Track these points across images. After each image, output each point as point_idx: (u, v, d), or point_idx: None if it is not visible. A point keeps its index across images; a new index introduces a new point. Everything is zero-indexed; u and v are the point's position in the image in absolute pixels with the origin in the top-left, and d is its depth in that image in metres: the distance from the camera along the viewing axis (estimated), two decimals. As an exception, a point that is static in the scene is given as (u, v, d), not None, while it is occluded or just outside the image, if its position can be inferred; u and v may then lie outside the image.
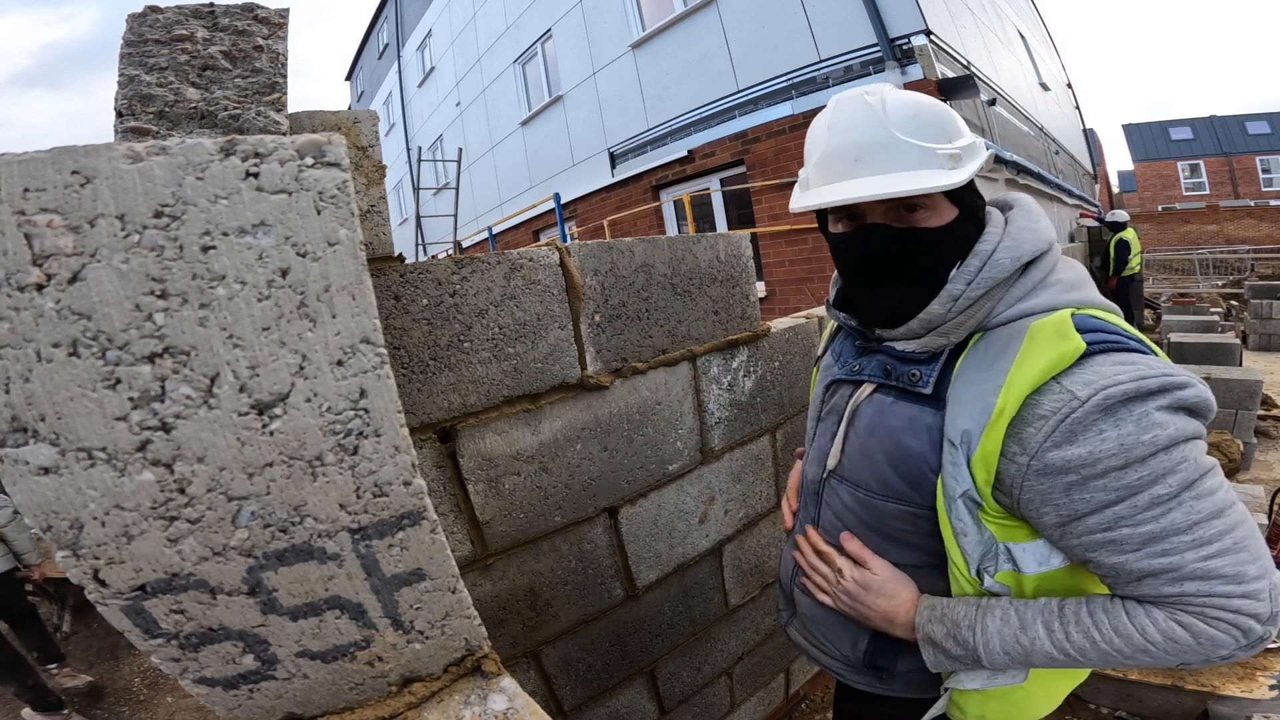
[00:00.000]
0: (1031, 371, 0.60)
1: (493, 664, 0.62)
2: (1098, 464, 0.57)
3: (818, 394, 0.89)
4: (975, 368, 0.66)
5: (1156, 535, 0.58)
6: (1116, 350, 0.59)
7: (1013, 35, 8.58)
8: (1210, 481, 0.58)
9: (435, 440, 0.91)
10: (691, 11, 6.39)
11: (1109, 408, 0.57)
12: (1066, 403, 0.58)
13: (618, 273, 1.09)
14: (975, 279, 0.67)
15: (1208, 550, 0.57)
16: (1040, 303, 0.65)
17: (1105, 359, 0.59)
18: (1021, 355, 0.62)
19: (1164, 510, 0.57)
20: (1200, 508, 0.57)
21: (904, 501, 0.73)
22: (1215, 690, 1.75)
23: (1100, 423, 0.57)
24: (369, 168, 0.82)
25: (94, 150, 0.39)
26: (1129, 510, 0.58)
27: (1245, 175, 25.08)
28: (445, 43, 11.39)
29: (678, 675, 1.41)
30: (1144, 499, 0.57)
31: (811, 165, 0.72)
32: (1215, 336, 5.13)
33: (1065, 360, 0.59)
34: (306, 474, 0.48)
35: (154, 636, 0.47)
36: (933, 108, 0.68)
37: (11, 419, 0.39)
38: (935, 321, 0.69)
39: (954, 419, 0.65)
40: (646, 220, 7.05)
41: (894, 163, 0.65)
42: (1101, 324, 0.62)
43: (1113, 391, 0.56)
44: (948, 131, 0.67)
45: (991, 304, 0.67)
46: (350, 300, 0.47)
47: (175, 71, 0.62)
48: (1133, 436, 0.56)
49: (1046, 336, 0.61)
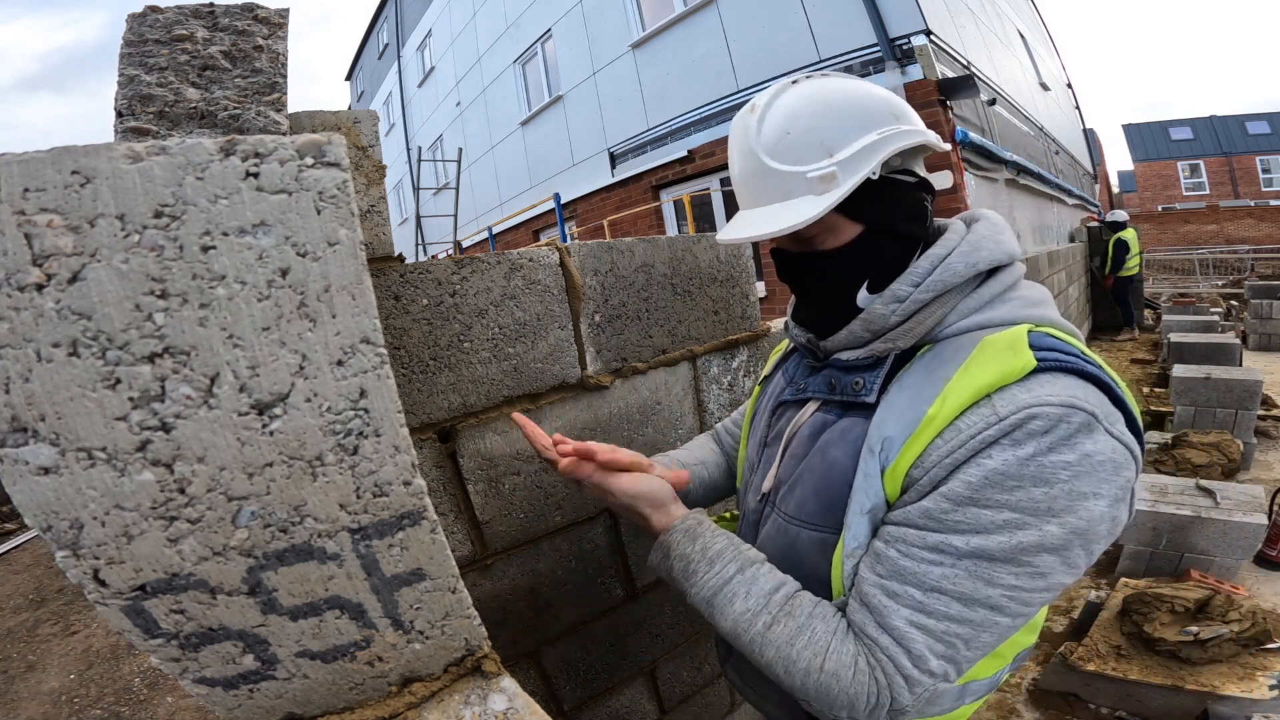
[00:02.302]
0: (974, 383, 0.54)
1: (493, 664, 0.62)
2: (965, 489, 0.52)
3: (763, 418, 0.81)
4: (916, 374, 0.60)
5: (903, 574, 0.54)
6: (1066, 372, 0.53)
7: (1013, 35, 8.58)
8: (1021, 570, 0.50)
9: (435, 440, 0.91)
10: (691, 11, 6.39)
11: (1022, 428, 0.50)
12: (985, 418, 0.52)
13: (618, 273, 1.09)
14: (924, 281, 0.61)
15: (921, 619, 0.53)
16: (997, 316, 0.60)
17: (1050, 379, 0.52)
18: (966, 365, 0.55)
19: (936, 560, 0.52)
20: (964, 586, 0.51)
21: (816, 527, 0.65)
22: (1215, 690, 1.75)
23: (1000, 443, 0.51)
24: (369, 168, 0.82)
25: (94, 150, 0.39)
26: (916, 539, 0.54)
27: (1245, 175, 25.08)
28: (445, 43, 11.40)
29: (678, 675, 1.41)
30: (933, 539, 0.53)
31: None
32: (1215, 336, 5.14)
33: (1011, 376, 0.53)
34: (306, 474, 0.48)
35: (154, 636, 0.47)
36: (809, 116, 0.59)
37: (11, 419, 0.39)
38: (878, 325, 0.63)
39: (879, 424, 0.59)
40: (646, 220, 7.05)
41: (767, 193, 0.61)
42: (1058, 344, 0.56)
43: (1039, 411, 0.50)
44: (826, 143, 0.59)
45: (942, 312, 0.61)
46: (350, 300, 0.47)
47: (175, 71, 0.62)
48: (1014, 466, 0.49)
49: (997, 350, 0.55)
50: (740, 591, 0.63)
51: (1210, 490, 2.54)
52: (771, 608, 0.61)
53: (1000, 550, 0.50)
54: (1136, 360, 6.52)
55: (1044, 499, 0.49)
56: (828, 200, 0.57)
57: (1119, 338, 7.89)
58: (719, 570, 0.65)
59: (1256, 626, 1.90)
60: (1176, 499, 2.53)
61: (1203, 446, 3.32)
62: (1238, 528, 2.32)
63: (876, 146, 0.59)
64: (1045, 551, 0.49)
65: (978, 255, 0.61)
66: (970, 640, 0.52)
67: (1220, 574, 2.38)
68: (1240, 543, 2.34)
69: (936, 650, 0.53)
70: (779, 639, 0.59)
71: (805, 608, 0.61)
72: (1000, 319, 0.60)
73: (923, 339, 0.62)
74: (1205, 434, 3.43)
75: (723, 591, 0.64)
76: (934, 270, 0.61)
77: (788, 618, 0.60)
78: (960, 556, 0.51)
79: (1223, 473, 3.23)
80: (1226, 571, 2.39)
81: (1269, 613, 2.06)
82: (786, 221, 0.57)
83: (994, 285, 0.62)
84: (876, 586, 0.56)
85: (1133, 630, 1.99)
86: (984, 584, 0.51)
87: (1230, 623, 1.89)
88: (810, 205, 0.57)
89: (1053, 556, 0.50)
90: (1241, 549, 2.35)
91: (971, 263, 0.61)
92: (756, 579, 0.64)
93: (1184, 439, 3.42)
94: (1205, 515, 2.37)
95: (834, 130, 0.59)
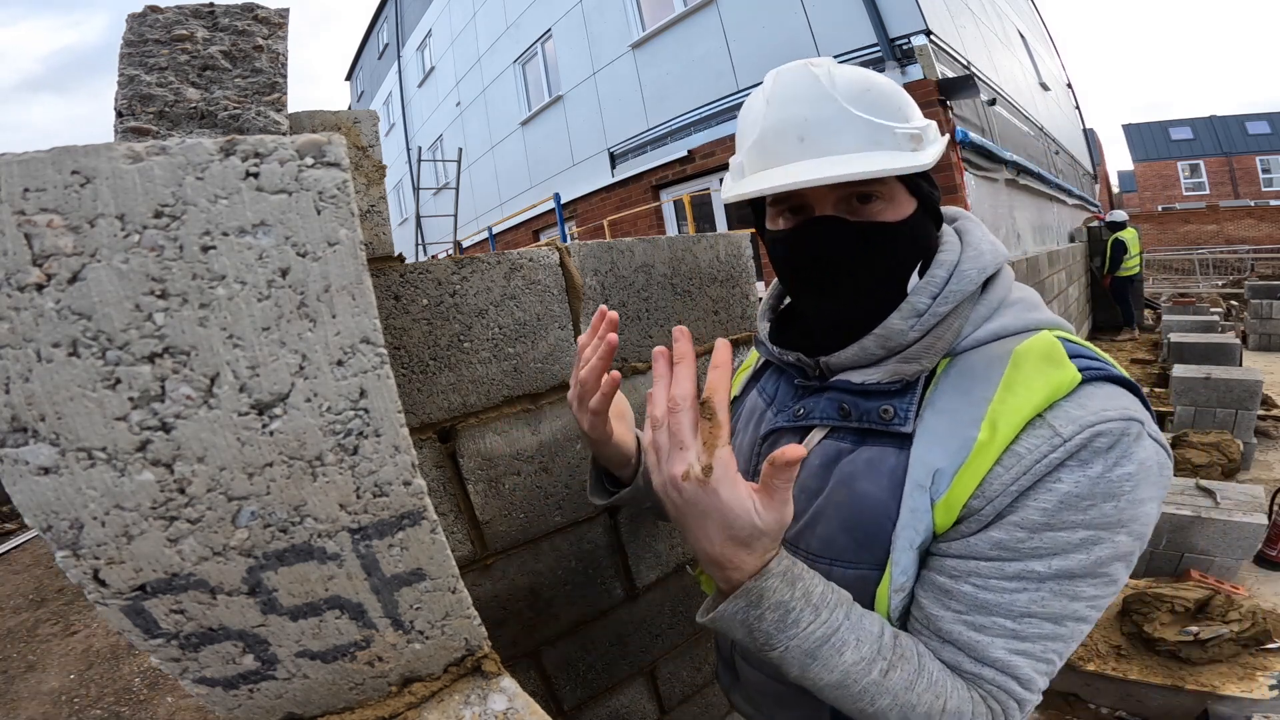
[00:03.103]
0: (1025, 404, 0.51)
1: (493, 664, 0.62)
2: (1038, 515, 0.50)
3: (745, 448, 0.73)
4: (948, 396, 0.55)
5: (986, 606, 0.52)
6: (1108, 381, 0.52)
7: (1013, 35, 8.58)
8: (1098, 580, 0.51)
9: (435, 440, 0.91)
10: (691, 11, 6.39)
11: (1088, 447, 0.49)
12: (1047, 440, 0.50)
13: (618, 273, 1.09)
14: (942, 292, 0.57)
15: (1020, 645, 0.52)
16: (1011, 323, 0.57)
17: (1097, 390, 0.51)
18: (1006, 383, 0.53)
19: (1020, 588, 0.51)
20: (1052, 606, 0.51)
21: (851, 564, 0.59)
22: (1215, 690, 1.75)
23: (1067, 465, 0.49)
24: (369, 168, 0.82)
25: (94, 150, 0.39)
26: (992, 571, 0.52)
27: (1245, 175, 25.09)
28: (445, 43, 11.40)
29: (678, 675, 1.41)
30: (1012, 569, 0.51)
31: (746, 148, 0.60)
32: (1215, 336, 5.14)
33: (1060, 391, 0.51)
34: (306, 474, 0.48)
35: (154, 636, 0.47)
36: (886, 83, 0.58)
37: (11, 419, 0.39)
38: (895, 342, 0.58)
39: (922, 457, 0.54)
40: (646, 220, 7.05)
41: (846, 141, 0.54)
42: (1081, 349, 0.55)
43: (1102, 429, 0.48)
44: (904, 110, 0.57)
45: (959, 323, 0.58)
46: (350, 300, 0.47)
47: (175, 71, 0.62)
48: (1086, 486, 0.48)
49: (1035, 364, 0.53)
50: (851, 639, 0.52)
51: (1210, 490, 2.54)
52: (885, 652, 0.53)
53: (1081, 567, 0.50)
54: (1136, 360, 6.52)
55: (1114, 512, 0.49)
56: (928, 155, 0.55)
57: (1119, 338, 7.89)
58: (826, 618, 0.52)
59: (1256, 626, 1.90)
60: (1176, 499, 2.53)
61: (1203, 446, 3.32)
62: (1238, 528, 2.32)
63: (935, 129, 0.60)
64: (1117, 560, 0.51)
65: (983, 260, 0.59)
66: (1064, 651, 0.54)
67: (1220, 574, 2.39)
68: (1240, 543, 2.34)
69: (1041, 670, 0.54)
70: (897, 685, 0.52)
71: (911, 647, 0.55)
72: (1014, 326, 0.57)
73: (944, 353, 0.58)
74: (1205, 434, 3.43)
75: (831, 640, 0.52)
76: (949, 279, 0.58)
77: (903, 661, 0.53)
78: (1044, 580, 0.50)
79: (1223, 473, 3.23)
80: (1226, 571, 2.39)
81: (1269, 613, 2.06)
82: (893, 163, 0.53)
83: (998, 290, 0.60)
84: (959, 623, 0.54)
85: (1133, 630, 1.99)
86: (1069, 600, 0.51)
87: (1230, 623, 1.89)
88: (907, 158, 0.54)
89: (1122, 562, 0.51)
90: (1241, 549, 2.35)
91: (981, 267, 0.58)
92: (863, 622, 0.54)
93: (1184, 439, 3.42)
94: (1205, 515, 2.37)
95: (906, 101, 0.58)
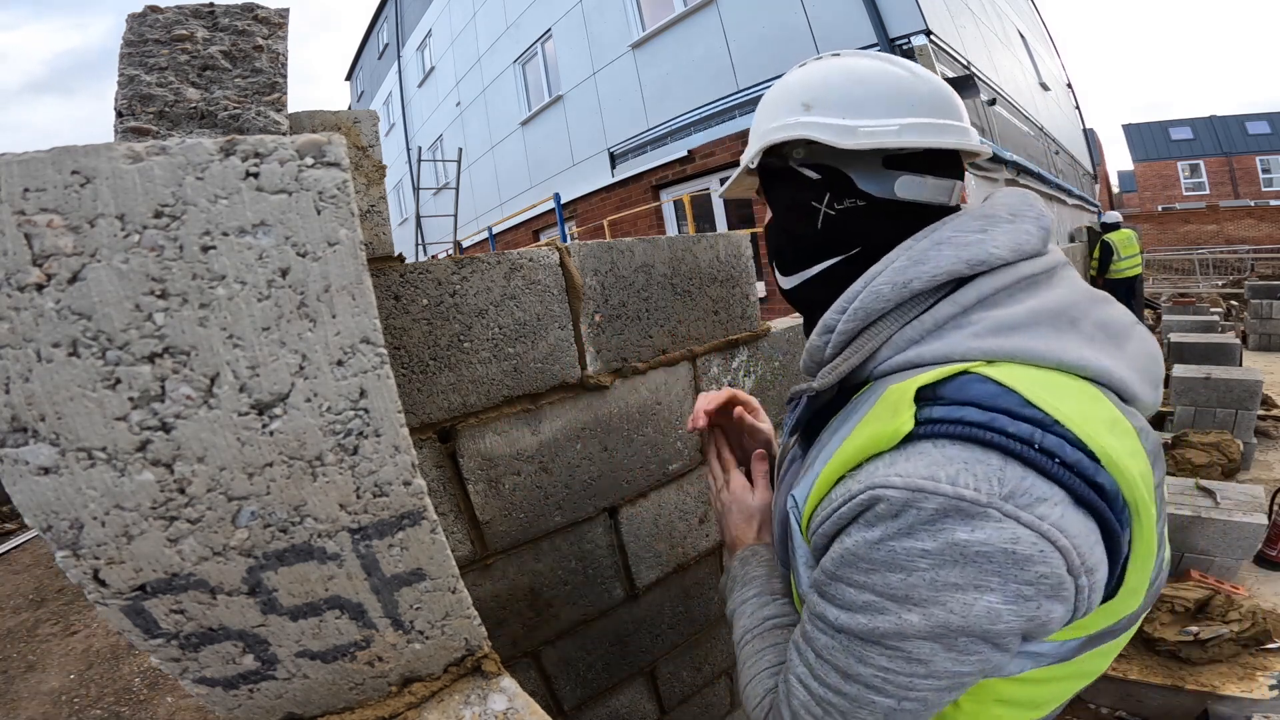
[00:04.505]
0: (850, 448, 0.47)
1: (493, 664, 0.62)
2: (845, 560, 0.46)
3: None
4: (841, 421, 0.54)
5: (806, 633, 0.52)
6: (958, 441, 0.42)
7: (1013, 35, 8.58)
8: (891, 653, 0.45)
9: (435, 440, 0.91)
10: (691, 11, 6.39)
11: (871, 509, 0.44)
12: (845, 492, 0.46)
13: (618, 273, 1.09)
14: (849, 308, 0.53)
15: (807, 678, 0.50)
16: (935, 350, 0.48)
17: (924, 450, 0.43)
18: (860, 423, 0.49)
19: (821, 629, 0.49)
20: (839, 659, 0.47)
21: (782, 563, 0.67)
22: (1215, 690, 1.75)
23: (856, 522, 0.45)
24: (369, 168, 0.82)
25: (94, 150, 0.39)
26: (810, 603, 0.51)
27: (1245, 175, 25.09)
28: (445, 43, 11.40)
29: (678, 675, 1.41)
30: (817, 608, 0.49)
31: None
32: (1215, 336, 5.14)
33: (879, 444, 0.44)
34: (306, 474, 0.48)
35: (154, 636, 0.47)
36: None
37: (11, 419, 0.39)
38: (815, 357, 0.57)
39: (801, 480, 0.55)
40: (646, 220, 7.05)
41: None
42: (989, 394, 0.43)
43: (881, 494, 0.43)
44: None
45: (872, 345, 0.52)
46: (350, 300, 0.47)
47: (175, 71, 0.62)
48: (864, 549, 0.44)
49: (886, 406, 0.47)
50: (745, 613, 0.68)
51: (1210, 490, 2.54)
52: (756, 630, 0.65)
53: (863, 631, 0.46)
54: (1136, 360, 6.50)
55: (901, 586, 0.43)
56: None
57: (1119, 338, 7.85)
58: (741, 593, 0.70)
59: (1256, 626, 1.90)
60: (1176, 499, 2.53)
61: (1203, 446, 3.32)
62: (1238, 528, 2.32)
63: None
64: (917, 638, 0.44)
65: (917, 270, 0.50)
66: (847, 714, 0.49)
67: (1220, 574, 2.38)
68: (1240, 543, 2.34)
69: (813, 712, 0.50)
70: (747, 657, 0.64)
71: (777, 638, 0.63)
72: (935, 355, 0.48)
73: (854, 377, 0.54)
74: (1205, 434, 3.43)
75: (738, 610, 0.69)
76: (859, 294, 0.52)
77: (759, 641, 0.64)
78: (835, 630, 0.48)
79: (1223, 473, 3.23)
80: (1226, 571, 2.39)
81: (1269, 613, 2.06)
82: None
83: (948, 306, 0.49)
84: (799, 632, 0.54)
85: (1133, 630, 1.99)
86: (856, 661, 0.47)
87: (1230, 623, 1.89)
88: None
89: (930, 644, 0.43)
90: (1241, 549, 2.35)
91: (904, 281, 0.50)
92: (766, 605, 0.67)
93: (1184, 439, 3.42)
94: (1205, 515, 2.37)
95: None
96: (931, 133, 0.55)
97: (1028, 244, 0.51)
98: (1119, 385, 0.47)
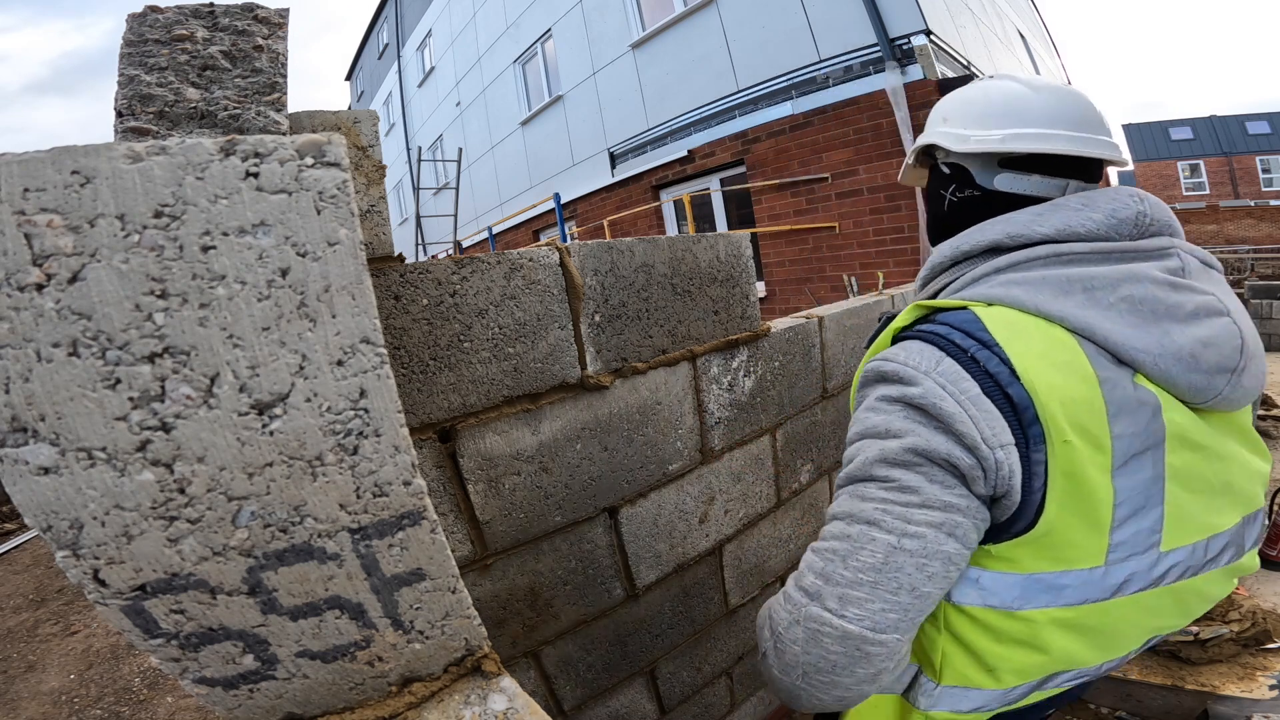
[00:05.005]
0: (875, 346, 0.68)
1: (493, 664, 0.62)
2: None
3: None
4: None
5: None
6: (920, 339, 0.61)
7: (1013, 35, 8.58)
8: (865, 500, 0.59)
9: (435, 440, 0.91)
10: (691, 11, 6.38)
11: (866, 382, 0.64)
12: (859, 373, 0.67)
13: (618, 273, 1.09)
14: (927, 265, 0.73)
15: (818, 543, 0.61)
16: (966, 294, 0.65)
17: (902, 347, 0.62)
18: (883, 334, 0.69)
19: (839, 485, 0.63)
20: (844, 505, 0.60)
21: None
22: (1215, 690, 1.75)
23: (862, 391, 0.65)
24: (369, 168, 0.82)
25: (94, 150, 0.39)
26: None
27: (1245, 175, 25.08)
28: (445, 43, 11.40)
29: (678, 675, 1.41)
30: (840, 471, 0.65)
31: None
32: (1215, 336, 5.12)
33: (884, 344, 0.66)
34: (306, 474, 0.48)
35: (154, 636, 0.47)
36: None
37: (11, 419, 0.39)
38: (926, 274, 0.75)
39: None
40: (646, 220, 7.05)
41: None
42: (960, 321, 0.60)
43: (871, 368, 0.63)
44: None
45: (948, 279, 0.70)
46: (350, 300, 0.47)
47: (175, 71, 0.62)
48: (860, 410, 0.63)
49: (900, 320, 0.67)
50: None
51: (1210, 490, 2.53)
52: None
53: (859, 469, 0.59)
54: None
55: (880, 424, 0.59)
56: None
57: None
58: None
59: (1256, 626, 1.90)
60: (1176, 499, 2.52)
61: (1203, 446, 3.31)
62: (1238, 528, 2.32)
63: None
64: (899, 466, 0.56)
65: (972, 239, 0.67)
66: (848, 556, 0.57)
67: (1220, 574, 2.38)
68: (1240, 543, 2.34)
69: (814, 567, 0.59)
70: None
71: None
72: (966, 297, 0.65)
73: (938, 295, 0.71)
74: (1205, 434, 3.42)
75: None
76: (935, 253, 0.72)
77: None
78: (840, 488, 0.62)
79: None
80: (1226, 571, 2.39)
81: (1269, 613, 2.06)
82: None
83: (985, 266, 0.65)
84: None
85: (1133, 630, 1.98)
86: (859, 500, 0.58)
87: (1230, 623, 1.89)
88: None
89: (911, 473, 0.56)
90: (1241, 549, 2.35)
91: (959, 245, 0.68)
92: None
93: (1184, 439, 3.41)
94: (1205, 515, 2.36)
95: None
96: (1033, 140, 0.65)
97: (1082, 227, 0.61)
98: (1109, 344, 0.56)
